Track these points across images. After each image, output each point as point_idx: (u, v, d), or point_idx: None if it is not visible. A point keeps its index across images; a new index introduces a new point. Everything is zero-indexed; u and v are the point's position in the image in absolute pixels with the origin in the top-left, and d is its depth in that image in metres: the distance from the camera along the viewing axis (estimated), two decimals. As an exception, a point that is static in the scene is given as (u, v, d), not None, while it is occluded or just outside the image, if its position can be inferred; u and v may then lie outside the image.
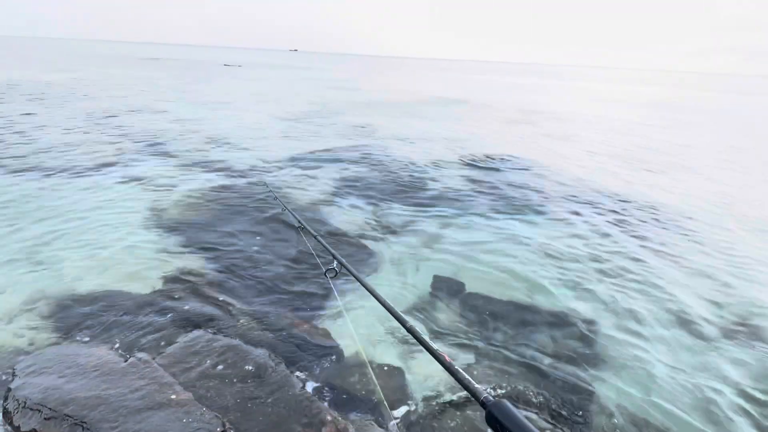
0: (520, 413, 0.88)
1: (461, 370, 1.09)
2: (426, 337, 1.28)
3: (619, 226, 5.63)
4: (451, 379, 2.73)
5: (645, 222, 5.84)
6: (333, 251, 2.33)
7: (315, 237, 2.74)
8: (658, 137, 14.04)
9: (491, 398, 0.95)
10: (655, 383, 2.84)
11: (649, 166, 9.48)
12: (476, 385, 1.02)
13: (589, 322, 3.46)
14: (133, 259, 4.01)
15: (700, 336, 3.39)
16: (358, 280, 1.92)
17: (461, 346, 3.11)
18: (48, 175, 6.30)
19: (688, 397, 2.73)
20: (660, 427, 2.49)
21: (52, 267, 3.79)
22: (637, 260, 4.63)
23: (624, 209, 6.31)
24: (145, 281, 3.64)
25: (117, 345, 2.77)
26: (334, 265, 2.19)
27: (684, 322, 3.55)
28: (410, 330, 1.41)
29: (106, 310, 3.17)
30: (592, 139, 12.71)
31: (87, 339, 2.84)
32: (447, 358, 1.16)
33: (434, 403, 2.55)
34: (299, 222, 3.20)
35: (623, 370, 2.95)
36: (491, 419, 0.91)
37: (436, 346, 1.23)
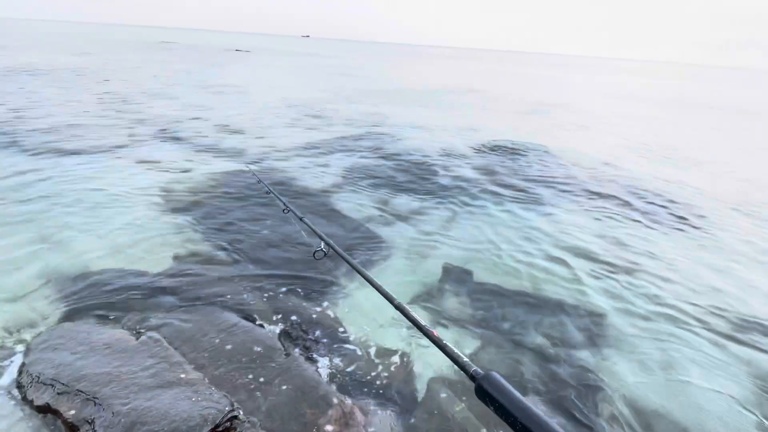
0: (510, 385, 0.86)
1: (450, 345, 1.08)
2: (415, 315, 1.27)
3: (633, 219, 5.54)
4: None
5: (660, 216, 5.74)
6: (319, 233, 2.30)
7: (301, 219, 2.73)
8: (672, 130, 13.74)
9: (480, 371, 0.93)
10: (662, 379, 2.81)
11: (665, 158, 9.29)
12: (465, 359, 1.01)
13: (599, 315, 3.42)
14: (144, 240, 4.05)
15: (712, 332, 3.33)
16: (345, 260, 1.91)
17: (468, 333, 3.10)
18: (62, 156, 6.37)
19: (696, 394, 2.70)
20: (663, 422, 2.47)
21: (65, 245, 3.84)
22: (651, 254, 4.56)
23: (638, 202, 6.20)
24: (157, 262, 3.67)
25: (128, 323, 2.80)
26: (322, 247, 2.18)
27: (696, 318, 3.49)
28: (399, 307, 1.40)
29: (117, 288, 3.20)
30: (606, 131, 12.49)
31: (99, 317, 2.88)
32: (435, 333, 1.15)
33: (438, 384, 2.55)
34: (285, 205, 3.18)
35: (631, 363, 2.92)
36: (481, 392, 0.89)
37: (424, 322, 1.22)
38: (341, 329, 2.99)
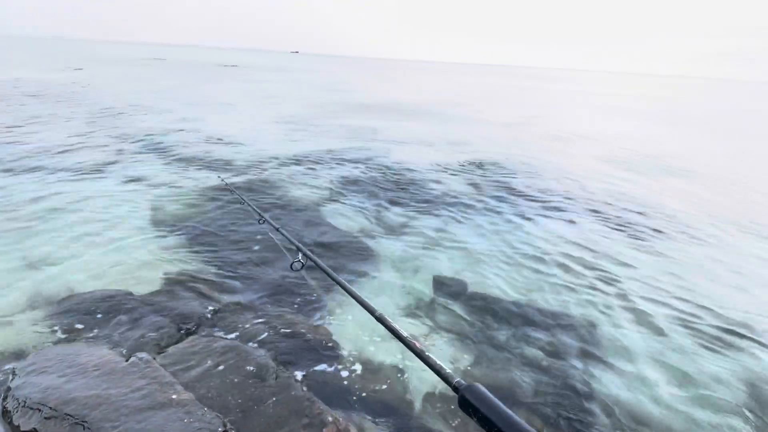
0: (493, 396, 0.87)
1: (432, 356, 1.08)
2: (396, 326, 1.27)
3: (618, 229, 5.63)
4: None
5: (644, 225, 5.84)
6: (297, 243, 2.26)
7: (278, 230, 2.68)
8: (655, 142, 14.05)
9: (463, 382, 0.94)
10: (652, 385, 2.84)
11: (646, 169, 9.49)
12: (448, 371, 1.01)
13: (585, 325, 3.46)
14: (132, 260, 4.01)
15: (697, 337, 3.38)
16: (324, 271, 1.87)
17: (461, 345, 3.11)
18: (48, 175, 6.30)
19: (684, 400, 2.73)
20: (654, 427, 2.49)
21: (52, 267, 3.79)
22: (637, 263, 4.63)
23: (623, 213, 6.31)
24: (145, 281, 3.64)
25: (118, 345, 2.76)
26: (299, 258, 2.14)
27: (682, 324, 3.55)
28: (380, 318, 1.38)
29: (106, 309, 3.16)
30: (590, 144, 12.72)
31: (87, 339, 2.83)
32: (418, 344, 1.15)
33: (430, 397, 2.55)
34: (260, 215, 3.13)
35: (621, 372, 2.95)
36: (464, 403, 0.90)
37: (406, 333, 1.23)
38: (330, 345, 2.98)
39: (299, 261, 2.11)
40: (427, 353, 1.10)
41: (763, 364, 3.12)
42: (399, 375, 2.74)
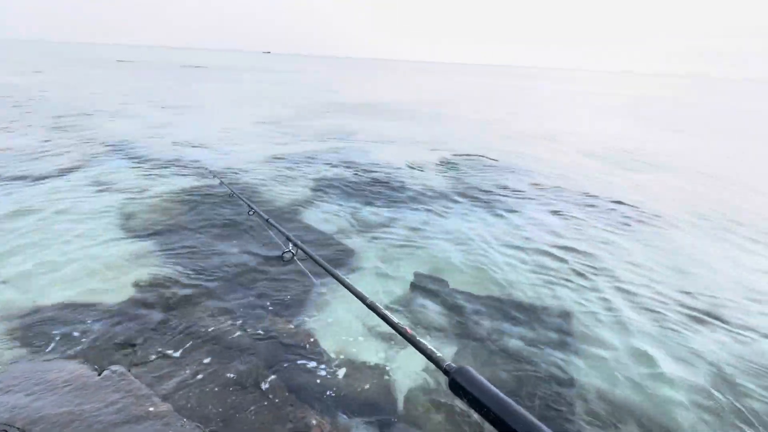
0: (481, 377, 0.87)
1: (422, 341, 1.09)
2: (388, 313, 1.27)
3: (593, 221, 5.79)
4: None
5: (617, 218, 6.02)
6: (287, 234, 2.24)
7: (267, 221, 2.66)
8: (633, 138, 14.51)
9: (453, 366, 0.95)
10: (627, 371, 2.93)
11: (622, 164, 9.78)
12: (438, 354, 1.02)
13: (565, 315, 3.54)
14: (101, 268, 3.86)
15: (669, 325, 3.51)
16: (314, 260, 1.87)
17: (443, 338, 3.13)
18: (9, 181, 6.01)
19: (657, 385, 2.83)
20: (632, 413, 2.57)
21: (16, 279, 3.60)
22: (610, 254, 4.77)
23: (598, 205, 6.49)
24: (116, 290, 3.50)
25: (89, 358, 2.65)
26: (290, 248, 2.12)
27: (653, 312, 3.67)
28: (371, 306, 1.39)
29: (75, 322, 3.03)
30: (566, 140, 13.03)
31: (56, 353, 2.71)
32: (408, 330, 1.16)
33: (417, 392, 2.55)
34: (250, 207, 3.09)
35: (599, 359, 3.03)
36: (454, 385, 0.90)
37: (397, 320, 1.23)
38: (312, 346, 2.94)
39: (290, 251, 2.08)
40: (417, 338, 1.11)
41: (730, 346, 3.26)
42: (383, 373, 2.73)
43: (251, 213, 3.03)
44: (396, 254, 4.48)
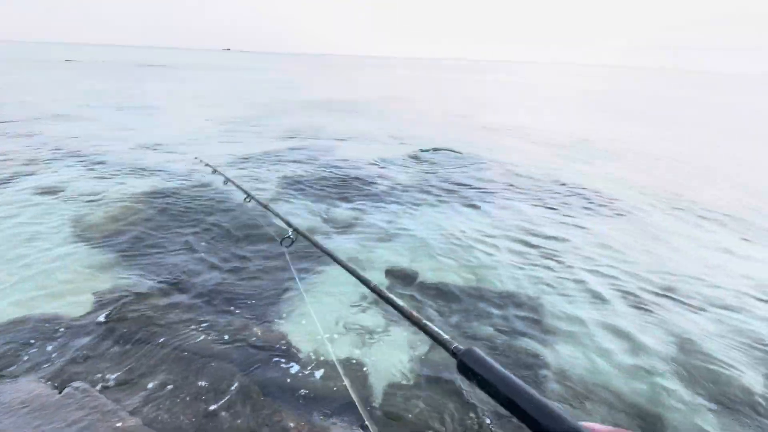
0: (490, 358, 0.89)
1: (429, 324, 1.09)
2: (392, 296, 1.27)
3: (556, 210, 6.00)
4: (416, 352, 2.79)
5: (579, 205, 6.27)
6: (286, 219, 2.19)
7: (265, 207, 2.59)
8: (592, 129, 15.06)
9: (461, 347, 0.96)
10: (597, 350, 3.07)
11: (582, 155, 10.16)
12: (446, 336, 1.03)
13: (534, 299, 3.67)
14: (60, 278, 3.66)
15: (633, 305, 3.70)
16: (315, 245, 1.83)
17: (415, 332, 3.16)
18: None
19: (626, 362, 2.98)
20: (604, 389, 2.69)
21: (-38, 298, 3.36)
22: (576, 239, 4.96)
23: (560, 194, 6.73)
24: (76, 301, 3.33)
25: (47, 376, 2.51)
26: (290, 233, 2.08)
27: (618, 294, 3.86)
28: (375, 289, 1.38)
29: (32, 337, 2.86)
30: (529, 132, 13.39)
31: (11, 373, 2.55)
32: (414, 314, 1.16)
33: (393, 391, 2.57)
34: (246, 194, 2.99)
35: (569, 340, 3.16)
36: (463, 367, 0.92)
37: (402, 303, 1.23)
38: (286, 347, 2.91)
39: (289, 237, 2.03)
40: (424, 321, 1.11)
41: (688, 323, 3.48)
42: (358, 371, 2.74)
43: (248, 200, 2.92)
44: (364, 251, 4.48)
